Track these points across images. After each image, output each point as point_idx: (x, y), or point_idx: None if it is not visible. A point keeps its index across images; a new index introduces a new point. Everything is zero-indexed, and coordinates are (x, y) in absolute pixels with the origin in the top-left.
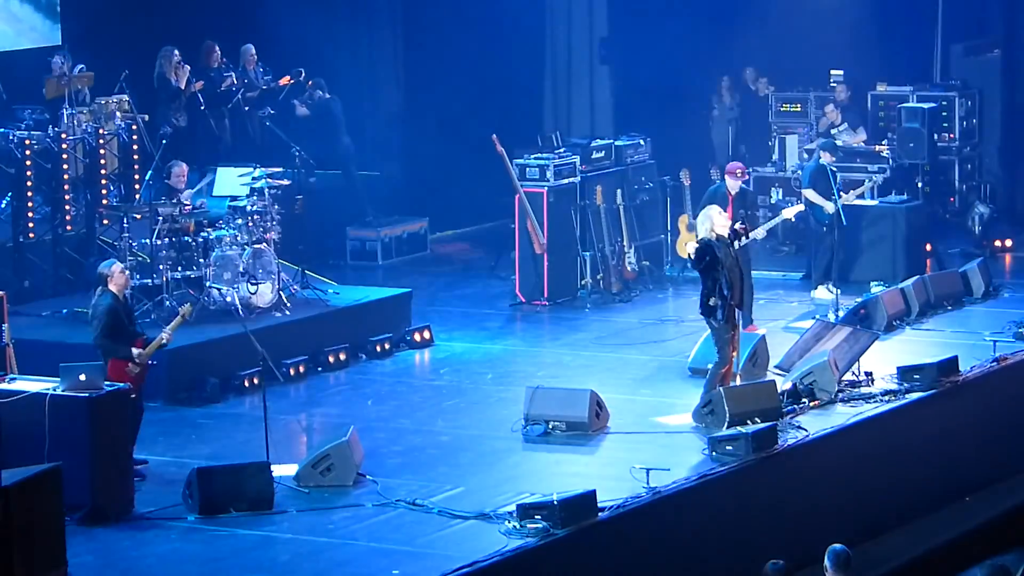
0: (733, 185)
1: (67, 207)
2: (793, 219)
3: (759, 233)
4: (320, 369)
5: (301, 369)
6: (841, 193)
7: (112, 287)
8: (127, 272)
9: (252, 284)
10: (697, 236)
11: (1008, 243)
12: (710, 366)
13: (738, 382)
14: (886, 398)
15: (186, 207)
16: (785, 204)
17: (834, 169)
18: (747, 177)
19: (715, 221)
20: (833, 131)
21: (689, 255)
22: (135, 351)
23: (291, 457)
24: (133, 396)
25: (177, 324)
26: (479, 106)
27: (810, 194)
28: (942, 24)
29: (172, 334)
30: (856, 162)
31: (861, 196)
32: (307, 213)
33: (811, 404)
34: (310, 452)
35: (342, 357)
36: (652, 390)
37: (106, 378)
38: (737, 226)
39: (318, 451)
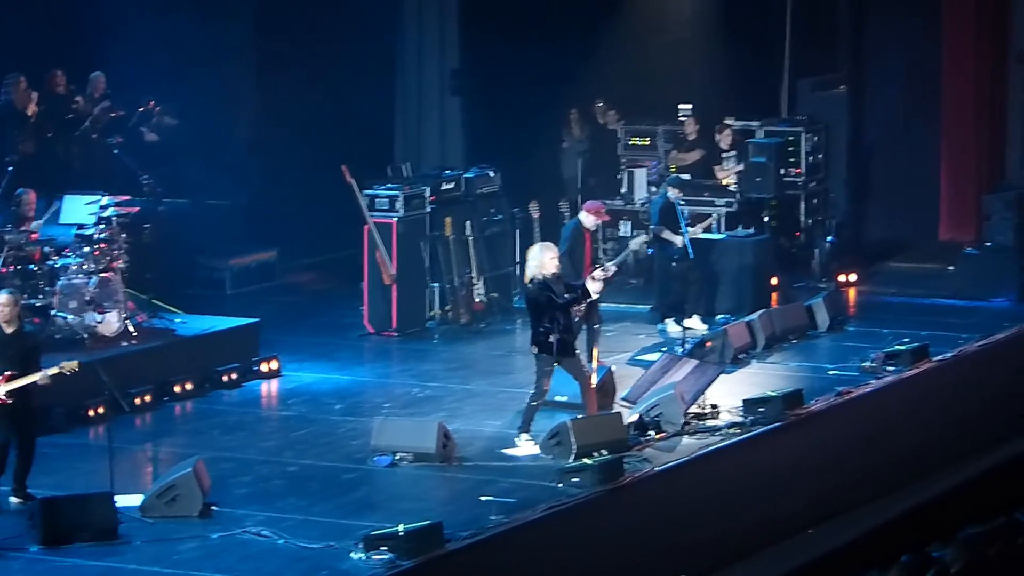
0: (590, 222)
1: None
2: (638, 248)
3: (610, 269)
4: (167, 399)
5: (147, 399)
6: (688, 227)
7: None
8: (8, 306)
9: (98, 313)
10: (527, 275)
11: (852, 277)
12: (560, 398)
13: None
14: (731, 430)
15: (32, 235)
16: (632, 236)
17: (681, 203)
18: (607, 218)
19: (544, 260)
20: (724, 155)
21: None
22: None
23: (137, 487)
24: None
25: (54, 374)
26: (330, 136)
27: (661, 231)
28: (790, 60)
29: (47, 381)
30: (703, 195)
31: (707, 230)
32: (155, 241)
33: (657, 436)
34: (156, 482)
35: (189, 387)
36: (500, 421)
37: None
38: (608, 270)
39: (164, 481)
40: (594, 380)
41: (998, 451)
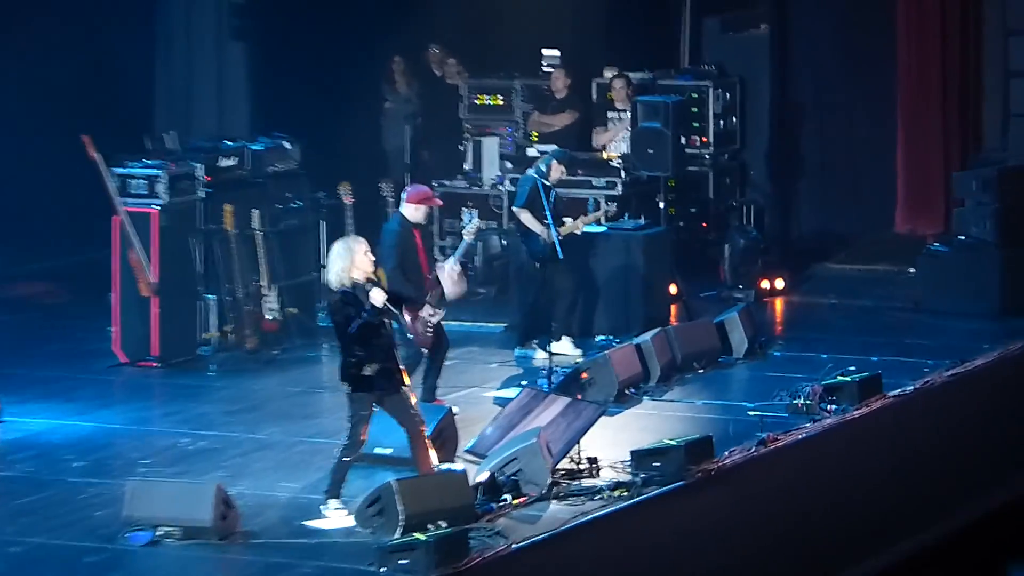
0: (417, 215)
1: None
2: (474, 234)
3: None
4: None
5: None
6: (564, 220)
7: None
8: None
9: None
10: (329, 281)
11: (778, 284)
12: (382, 451)
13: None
14: (616, 493)
15: None
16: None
17: (548, 185)
18: (439, 203)
19: (354, 259)
20: (619, 114)
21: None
22: None
23: None
24: None
25: None
26: (68, 98)
27: (526, 217)
28: None
29: None
30: (578, 174)
31: (597, 223)
32: None
33: (515, 502)
34: None
35: None
36: (300, 483)
37: None
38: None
39: None
40: (427, 427)
41: (969, 510)
